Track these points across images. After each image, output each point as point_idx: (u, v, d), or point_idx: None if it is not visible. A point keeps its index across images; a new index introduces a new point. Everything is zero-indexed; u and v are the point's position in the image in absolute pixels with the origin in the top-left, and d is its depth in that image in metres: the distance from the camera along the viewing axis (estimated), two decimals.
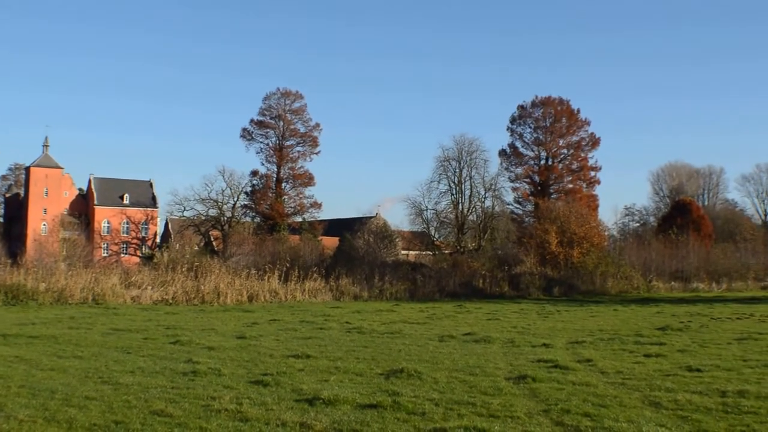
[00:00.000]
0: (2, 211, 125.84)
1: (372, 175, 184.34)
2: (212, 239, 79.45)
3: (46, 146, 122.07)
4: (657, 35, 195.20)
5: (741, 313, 37.25)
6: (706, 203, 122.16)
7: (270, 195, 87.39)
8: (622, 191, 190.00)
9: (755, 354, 19.94)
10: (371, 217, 76.51)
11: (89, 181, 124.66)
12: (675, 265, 71.03)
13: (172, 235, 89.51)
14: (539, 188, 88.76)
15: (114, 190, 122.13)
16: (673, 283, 68.13)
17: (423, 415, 12.04)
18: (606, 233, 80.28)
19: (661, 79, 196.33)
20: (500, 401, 13.08)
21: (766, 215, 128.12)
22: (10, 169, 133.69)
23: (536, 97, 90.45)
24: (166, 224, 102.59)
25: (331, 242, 72.10)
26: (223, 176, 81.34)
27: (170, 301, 39.96)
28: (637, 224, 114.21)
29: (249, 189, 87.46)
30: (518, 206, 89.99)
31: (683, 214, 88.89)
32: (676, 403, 13.05)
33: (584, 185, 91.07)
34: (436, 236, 66.84)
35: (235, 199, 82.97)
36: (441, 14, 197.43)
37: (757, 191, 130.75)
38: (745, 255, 79.60)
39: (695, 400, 13.24)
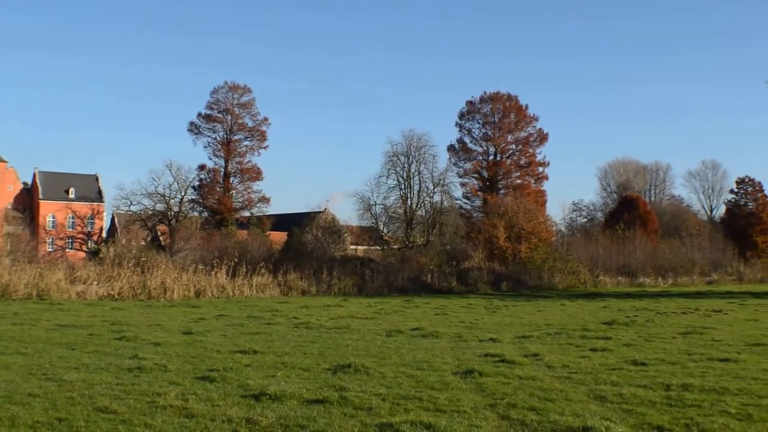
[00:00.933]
0: None
1: (321, 170, 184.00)
2: (159, 234, 78.89)
3: None
4: (603, 32, 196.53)
5: (686, 307, 37.67)
6: (652, 199, 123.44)
7: (218, 189, 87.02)
8: (570, 187, 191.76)
9: (699, 348, 20.15)
10: (320, 212, 76.34)
11: (34, 175, 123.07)
12: (622, 260, 71.72)
13: (118, 230, 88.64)
14: (488, 183, 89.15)
15: (59, 184, 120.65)
16: (619, 278, 68.78)
17: (370, 410, 12.01)
18: (554, 228, 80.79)
19: (608, 76, 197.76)
20: (447, 396, 13.09)
21: (711, 211, 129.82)
22: None
23: (485, 92, 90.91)
24: (113, 219, 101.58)
25: (279, 237, 71.89)
26: (171, 170, 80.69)
27: (116, 297, 39.56)
28: (585, 220, 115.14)
29: (196, 183, 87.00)
30: (467, 201, 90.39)
31: (630, 210, 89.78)
32: (621, 396, 13.16)
33: (532, 181, 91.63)
34: (385, 231, 66.95)
35: (183, 193, 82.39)
36: (392, 5, 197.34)
37: (703, 187, 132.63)
38: (690, 250, 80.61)
39: (640, 394, 13.36)
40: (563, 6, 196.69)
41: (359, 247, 69.31)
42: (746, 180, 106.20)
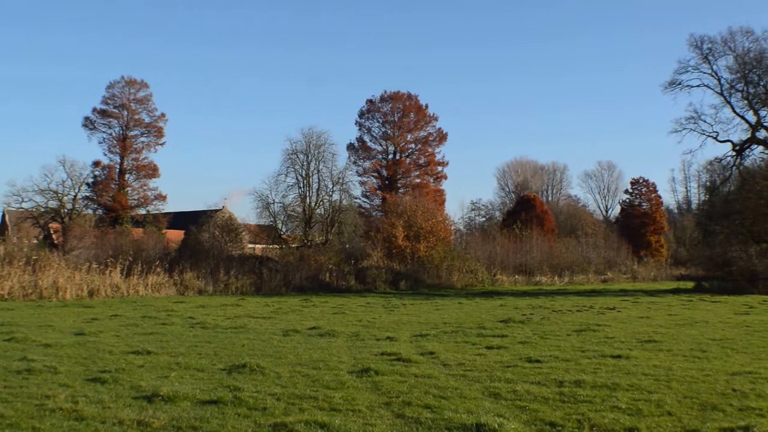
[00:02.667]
0: None
1: (220, 168, 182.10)
2: (52, 232, 77.19)
3: None
4: (502, 32, 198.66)
5: (581, 305, 38.29)
6: (550, 199, 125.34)
7: (113, 187, 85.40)
8: (468, 186, 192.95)
9: (593, 345, 20.47)
10: (218, 210, 75.46)
11: None
12: (519, 258, 72.63)
13: (9, 228, 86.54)
14: (387, 182, 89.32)
15: None
16: (516, 276, 69.64)
17: (264, 410, 11.94)
18: (452, 227, 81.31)
19: (506, 78, 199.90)
20: (342, 395, 13.07)
21: (607, 211, 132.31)
22: None
23: (385, 91, 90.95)
24: (3, 216, 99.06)
25: (176, 235, 71.02)
26: (64, 167, 78.84)
27: (6, 297, 38.58)
28: (483, 219, 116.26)
29: (91, 180, 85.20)
30: (366, 200, 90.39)
31: (527, 209, 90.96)
32: (515, 393, 13.29)
33: (431, 180, 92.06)
34: (284, 230, 66.50)
35: (77, 190, 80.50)
36: (298, 3, 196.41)
37: (599, 187, 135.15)
38: (586, 249, 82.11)
39: (533, 391, 13.51)
40: (463, 9, 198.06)
41: (257, 245, 68.84)
42: (640, 181, 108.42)
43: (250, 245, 67.84)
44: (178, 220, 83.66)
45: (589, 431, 10.79)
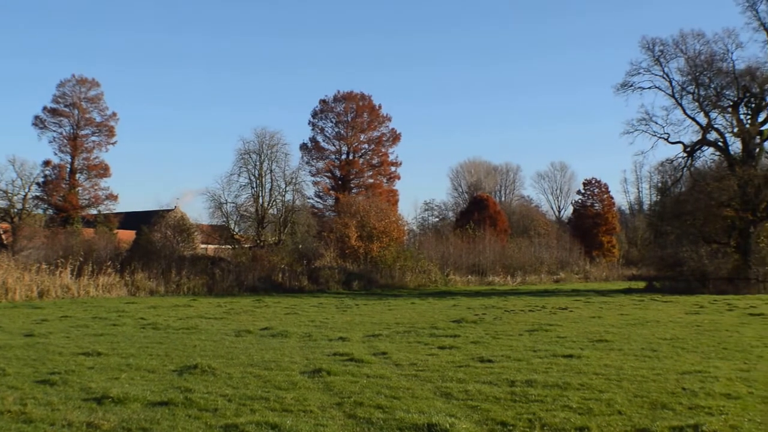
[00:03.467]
0: None
1: (173, 168, 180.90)
2: (1, 232, 76.32)
3: None
4: (455, 35, 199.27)
5: (533, 305, 38.47)
6: (503, 199, 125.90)
7: (63, 186, 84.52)
8: (422, 187, 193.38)
9: (544, 344, 20.56)
10: (170, 210, 75.00)
11: None
12: (472, 259, 72.88)
13: None
14: (340, 182, 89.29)
15: None
16: (469, 276, 69.89)
17: (215, 411, 11.87)
18: (405, 228, 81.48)
19: (459, 78, 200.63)
20: (294, 395, 13.02)
21: (559, 211, 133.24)
22: None
23: (338, 91, 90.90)
24: None
25: (127, 236, 70.45)
26: (14, 166, 77.90)
27: None
28: (437, 219, 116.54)
29: (41, 180, 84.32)
30: (319, 200, 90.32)
31: (480, 210, 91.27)
32: (467, 393, 13.31)
33: (385, 180, 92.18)
34: (236, 230, 66.20)
35: (26, 190, 79.67)
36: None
37: (552, 188, 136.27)
38: (539, 249, 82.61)
39: (485, 390, 13.53)
40: (418, 11, 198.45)
41: (210, 246, 68.53)
42: (593, 181, 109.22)
43: (203, 245, 67.52)
44: (130, 220, 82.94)
45: (540, 430, 10.82)
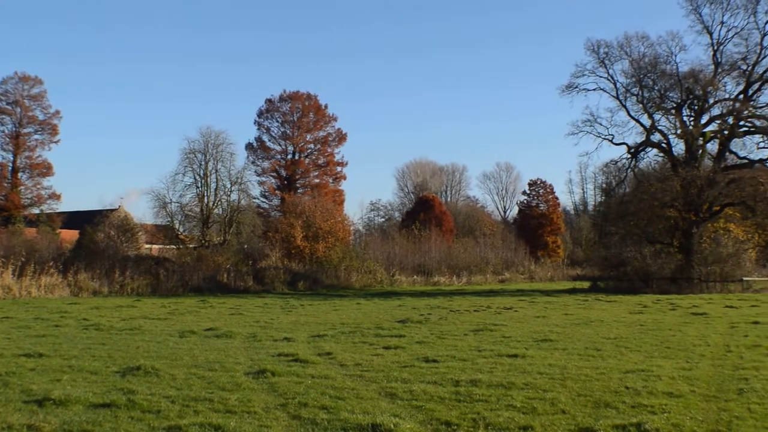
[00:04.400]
0: None
1: (117, 167, 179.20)
2: None
3: None
4: (401, 34, 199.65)
5: (479, 305, 38.64)
6: (448, 199, 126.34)
7: (5, 185, 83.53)
8: (368, 187, 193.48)
9: (489, 344, 20.61)
10: (113, 210, 74.25)
11: None
12: (418, 259, 73.10)
13: None
14: (286, 182, 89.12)
15: None
16: (415, 276, 70.08)
17: (158, 413, 11.74)
18: (351, 228, 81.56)
19: (405, 78, 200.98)
20: (238, 396, 12.93)
21: (505, 212, 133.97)
22: None
23: (284, 91, 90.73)
24: None
25: (70, 235, 69.70)
26: None
27: None
28: (382, 219, 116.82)
29: None
30: (264, 200, 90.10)
31: (426, 210, 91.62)
32: (412, 393, 13.30)
33: (330, 180, 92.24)
34: (181, 230, 65.73)
35: None
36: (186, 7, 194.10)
37: (497, 188, 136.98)
38: (484, 250, 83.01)
39: (430, 390, 13.53)
40: (361, 9, 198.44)
41: (154, 246, 68.02)
42: (538, 182, 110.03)
43: (147, 245, 66.99)
44: (73, 219, 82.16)
45: (484, 430, 10.82)
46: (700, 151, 61.58)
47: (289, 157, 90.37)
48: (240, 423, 11.03)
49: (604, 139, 64.81)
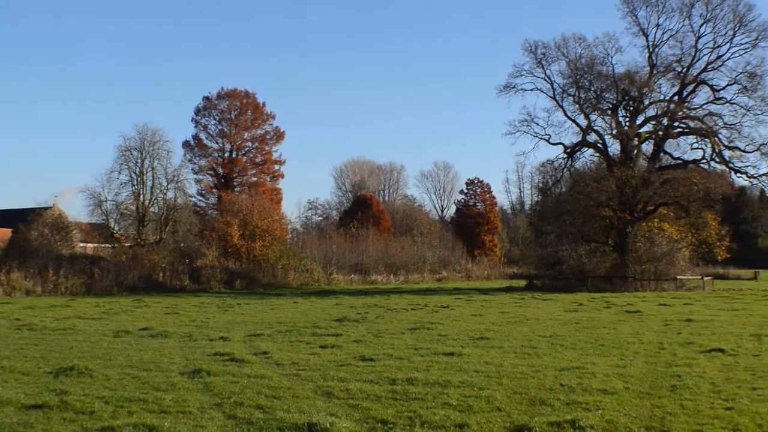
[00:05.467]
0: None
1: (50, 164, 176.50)
2: None
3: None
4: (339, 31, 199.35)
5: (416, 304, 38.76)
6: (386, 198, 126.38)
7: None
8: (306, 185, 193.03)
9: (426, 343, 20.69)
10: (47, 208, 73.20)
11: None
12: (355, 258, 73.14)
13: None
14: (223, 181, 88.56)
15: None
16: (352, 275, 70.09)
17: (91, 413, 11.62)
18: (289, 227, 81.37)
19: (344, 78, 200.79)
20: (173, 397, 12.84)
21: (442, 211, 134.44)
22: None
23: (222, 88, 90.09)
24: None
25: (2, 234, 68.61)
26: None
27: None
28: (320, 218, 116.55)
29: None
30: (201, 198, 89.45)
31: (364, 209, 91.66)
32: (348, 392, 13.31)
33: (268, 178, 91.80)
34: (116, 228, 65.00)
35: None
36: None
37: (435, 187, 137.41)
38: (421, 248, 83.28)
39: (366, 389, 13.55)
40: (300, 3, 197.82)
41: (89, 244, 67.20)
42: (475, 181, 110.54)
43: (82, 244, 66.16)
44: (5, 218, 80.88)
45: (420, 428, 10.85)
46: (635, 151, 62.45)
47: (227, 155, 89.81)
48: (175, 423, 10.95)
49: (541, 139, 65.32)
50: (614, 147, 63.25)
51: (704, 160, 61.76)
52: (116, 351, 18.81)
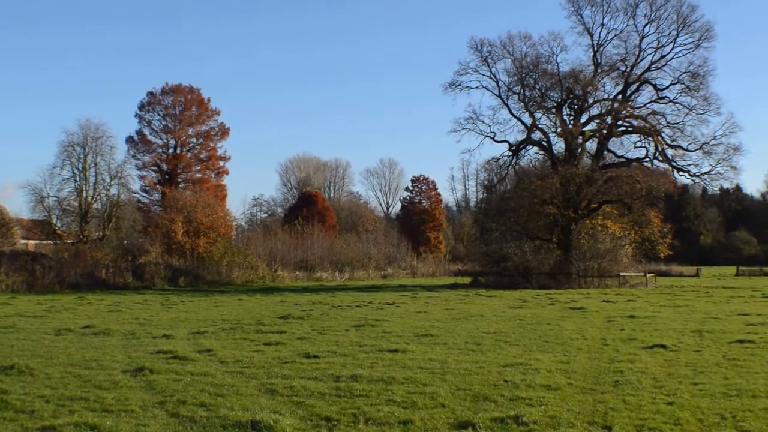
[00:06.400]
0: None
1: None
2: None
3: None
4: (284, 30, 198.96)
5: (361, 300, 38.77)
6: (332, 195, 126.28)
7: None
8: (252, 182, 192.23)
9: (370, 339, 20.70)
10: None
11: None
12: (300, 255, 73.03)
13: None
14: (167, 177, 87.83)
15: None
16: (297, 272, 69.96)
17: (32, 413, 11.50)
18: (233, 223, 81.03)
19: (290, 75, 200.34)
20: (115, 395, 12.72)
21: (388, 208, 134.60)
22: None
23: (167, 84, 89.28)
24: None
25: None
26: None
27: None
28: (265, 215, 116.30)
29: None
30: (145, 195, 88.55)
31: (309, 206, 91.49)
32: (292, 389, 13.28)
33: (213, 175, 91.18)
34: (58, 225, 64.26)
35: None
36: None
37: (381, 184, 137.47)
38: (367, 245, 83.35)
39: (310, 386, 13.53)
40: (243, 11, 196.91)
41: (30, 241, 66.46)
42: (421, 178, 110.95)
43: (23, 241, 65.43)
44: None
45: (364, 425, 10.86)
46: (580, 149, 62.98)
47: (171, 151, 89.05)
48: (117, 422, 10.86)
49: (486, 136, 65.56)
50: (559, 145, 63.84)
51: (647, 159, 62.65)
52: (58, 349, 18.58)
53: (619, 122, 62.75)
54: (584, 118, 63.42)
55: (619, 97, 63.27)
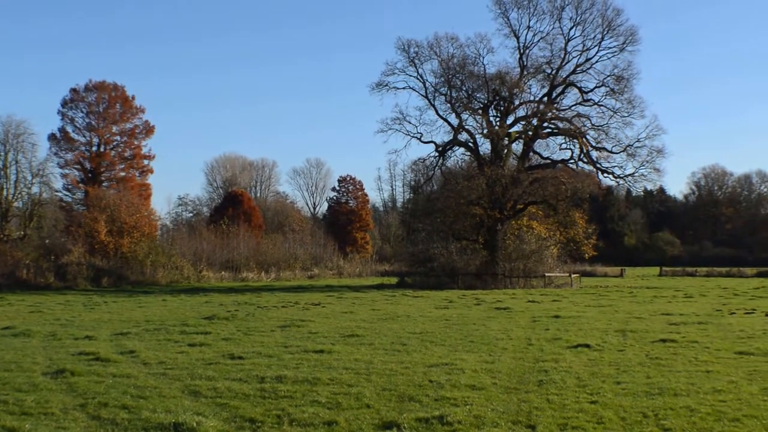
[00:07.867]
0: None
1: None
2: None
3: None
4: (202, 22, 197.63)
5: (287, 301, 38.64)
6: (258, 195, 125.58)
7: None
8: (176, 181, 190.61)
9: (296, 340, 20.61)
10: None
11: None
12: (226, 255, 72.63)
13: None
14: (90, 175, 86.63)
15: None
16: (223, 272, 69.57)
17: None
18: (158, 223, 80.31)
19: (216, 72, 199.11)
20: (35, 398, 12.51)
21: (315, 208, 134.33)
22: None
23: (90, 80, 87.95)
24: None
25: None
26: None
27: None
28: (191, 214, 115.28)
29: None
30: (68, 194, 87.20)
31: (235, 205, 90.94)
32: (216, 391, 13.18)
33: (137, 173, 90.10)
34: None
35: None
36: None
37: (307, 184, 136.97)
38: (293, 245, 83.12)
39: (234, 387, 13.44)
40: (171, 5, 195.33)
41: None
42: (348, 178, 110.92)
43: None
44: None
45: (288, 426, 10.79)
46: (506, 150, 63.53)
47: (95, 149, 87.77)
48: (36, 425, 10.72)
49: (413, 137, 65.71)
50: (485, 146, 64.31)
51: (572, 160, 63.43)
52: None
53: (545, 124, 63.47)
54: (510, 119, 64.00)
55: (545, 99, 63.97)
